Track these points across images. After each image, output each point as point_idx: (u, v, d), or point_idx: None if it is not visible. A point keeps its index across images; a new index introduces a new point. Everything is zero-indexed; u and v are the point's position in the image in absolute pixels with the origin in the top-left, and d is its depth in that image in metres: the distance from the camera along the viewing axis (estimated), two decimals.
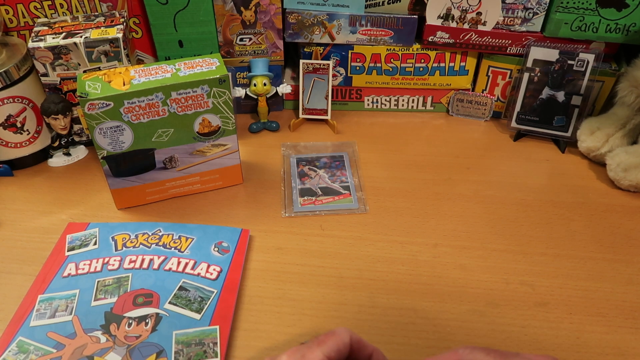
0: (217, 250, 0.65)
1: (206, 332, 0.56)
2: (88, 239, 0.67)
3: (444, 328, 0.58)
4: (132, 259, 0.64)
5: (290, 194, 0.76)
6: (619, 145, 0.78)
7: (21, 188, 0.78)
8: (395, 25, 0.84)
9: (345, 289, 0.62)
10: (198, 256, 0.64)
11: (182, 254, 0.65)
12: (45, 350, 0.55)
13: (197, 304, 0.59)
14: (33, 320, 0.58)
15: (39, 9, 0.80)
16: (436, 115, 0.94)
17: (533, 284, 0.63)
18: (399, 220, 0.72)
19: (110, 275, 0.62)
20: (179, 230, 0.68)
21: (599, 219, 0.72)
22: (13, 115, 0.76)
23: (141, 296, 0.60)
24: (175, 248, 0.65)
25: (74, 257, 0.65)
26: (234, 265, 0.64)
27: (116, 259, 0.64)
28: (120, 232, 0.68)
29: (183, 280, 0.61)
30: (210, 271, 0.62)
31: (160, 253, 0.65)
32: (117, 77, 0.65)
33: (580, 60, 0.80)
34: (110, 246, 0.66)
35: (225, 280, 0.61)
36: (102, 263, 0.64)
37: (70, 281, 0.62)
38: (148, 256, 0.64)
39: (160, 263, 0.64)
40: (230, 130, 0.71)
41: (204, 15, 0.82)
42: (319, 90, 0.88)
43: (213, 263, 0.64)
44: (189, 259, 0.64)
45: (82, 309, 0.59)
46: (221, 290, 0.60)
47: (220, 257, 0.64)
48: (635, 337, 0.57)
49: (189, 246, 0.66)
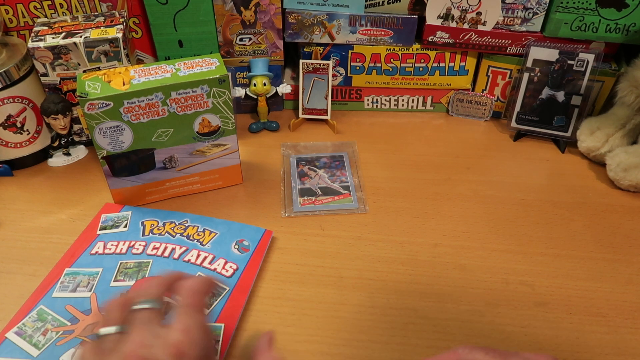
0: (237, 247, 0.65)
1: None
2: (120, 220, 0.69)
3: (444, 328, 0.58)
4: (156, 245, 0.66)
5: (290, 194, 0.76)
6: (619, 145, 0.78)
7: (21, 188, 0.78)
8: (395, 25, 0.84)
9: (345, 289, 0.62)
10: (218, 251, 0.65)
11: (203, 247, 0.65)
12: (61, 322, 0.57)
13: (207, 299, 0.58)
14: (56, 291, 0.60)
15: (38, 8, 0.81)
16: (436, 115, 0.94)
17: (533, 284, 0.63)
18: (398, 220, 0.72)
19: (133, 258, 0.64)
20: (204, 224, 0.69)
21: (599, 219, 0.72)
22: (13, 115, 0.76)
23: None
24: (198, 240, 0.66)
25: (104, 237, 0.67)
26: (250, 265, 0.63)
27: (141, 243, 0.66)
28: (150, 218, 0.70)
29: (198, 274, 0.62)
30: (227, 268, 0.63)
31: (183, 243, 0.66)
32: (116, 77, 0.65)
33: (580, 60, 0.80)
34: (138, 230, 0.68)
35: (239, 280, 0.62)
36: (128, 246, 0.66)
37: (96, 259, 0.64)
38: (171, 245, 0.66)
39: (180, 253, 0.64)
40: (230, 130, 0.71)
41: (204, 15, 0.82)
42: (319, 90, 0.88)
43: (231, 260, 0.64)
44: (209, 253, 0.65)
45: (101, 287, 0.61)
46: (233, 289, 0.60)
47: (239, 255, 0.64)
48: (635, 337, 0.57)
49: (211, 240, 0.66)
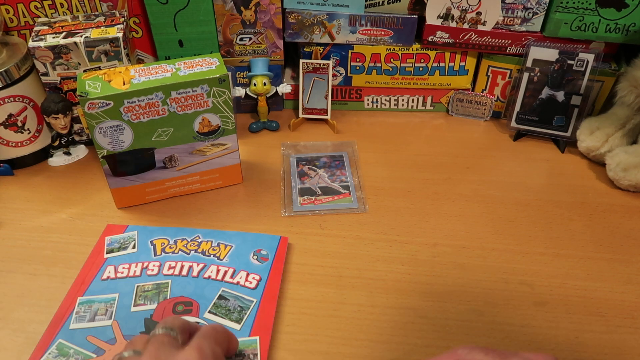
0: (256, 258, 0.64)
1: (247, 342, 0.55)
2: (127, 241, 0.67)
3: (443, 327, 0.58)
4: (172, 265, 0.63)
5: (290, 193, 0.76)
6: (619, 145, 0.78)
7: (21, 187, 0.78)
8: (395, 25, 0.84)
9: (345, 289, 0.62)
10: (237, 264, 0.63)
11: (221, 261, 0.63)
12: (86, 355, 0.54)
13: (236, 313, 0.58)
14: (73, 322, 0.57)
15: (39, 8, 0.81)
16: (436, 115, 0.94)
17: (532, 284, 0.63)
18: (398, 219, 0.72)
19: (149, 280, 0.61)
20: (217, 237, 0.67)
21: (599, 218, 0.72)
22: (14, 114, 0.76)
23: (181, 304, 0.59)
24: (214, 255, 0.64)
25: (113, 260, 0.64)
26: (273, 273, 0.62)
27: (155, 264, 0.63)
28: (159, 236, 0.67)
29: (222, 289, 0.60)
30: (250, 280, 0.61)
31: (200, 260, 0.64)
32: (117, 77, 0.66)
33: (580, 60, 0.80)
34: (149, 250, 0.65)
35: (265, 290, 0.60)
36: (142, 267, 0.63)
37: (109, 284, 0.61)
38: (187, 263, 0.63)
39: (199, 270, 0.62)
40: (230, 129, 0.71)
41: (204, 14, 0.82)
42: (319, 90, 0.88)
43: (252, 271, 0.62)
44: (228, 267, 0.63)
45: (121, 313, 0.58)
46: (261, 300, 0.59)
47: (259, 266, 0.63)
48: (634, 336, 0.57)
49: (228, 254, 0.65)
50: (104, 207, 0.74)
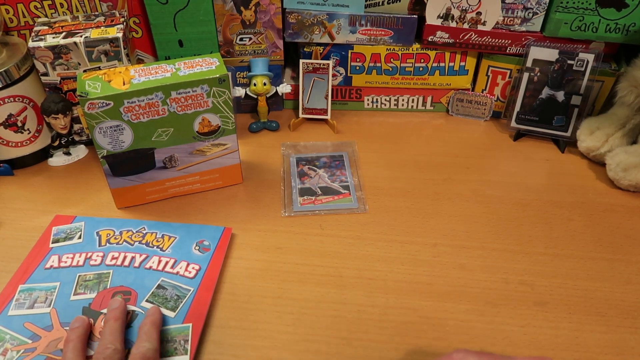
0: (197, 248, 0.65)
1: (179, 329, 0.56)
2: (73, 232, 0.68)
3: (443, 327, 0.58)
4: (115, 255, 0.65)
5: (290, 193, 0.76)
6: (619, 145, 0.78)
7: (21, 187, 0.78)
8: (395, 25, 0.84)
9: (345, 289, 0.62)
10: (179, 255, 0.65)
11: (163, 252, 0.65)
12: (21, 340, 0.55)
13: (172, 302, 0.59)
14: (12, 309, 0.58)
15: (39, 8, 0.81)
16: (436, 115, 0.94)
17: (532, 284, 0.63)
18: (398, 219, 0.72)
19: (91, 270, 0.63)
20: (162, 229, 0.68)
21: (599, 218, 0.72)
22: (14, 114, 0.76)
23: (119, 293, 0.60)
24: (158, 247, 0.66)
25: (58, 250, 0.66)
26: (213, 263, 0.64)
27: (99, 254, 0.65)
28: (106, 227, 0.69)
29: (162, 279, 0.62)
30: (189, 269, 0.63)
31: (143, 251, 0.65)
32: (117, 77, 0.66)
33: (580, 60, 0.80)
34: (94, 241, 0.67)
35: (202, 279, 0.62)
36: (85, 257, 0.64)
37: (52, 273, 0.63)
38: (130, 254, 0.65)
39: (141, 261, 0.64)
40: (230, 129, 0.71)
41: (204, 14, 0.82)
42: (319, 90, 0.88)
43: (193, 261, 0.64)
44: (170, 257, 0.64)
45: (61, 302, 0.59)
46: (198, 289, 0.61)
47: (200, 256, 0.65)
48: (634, 336, 0.57)
49: (171, 245, 0.66)
50: (104, 207, 0.74)
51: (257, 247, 0.68)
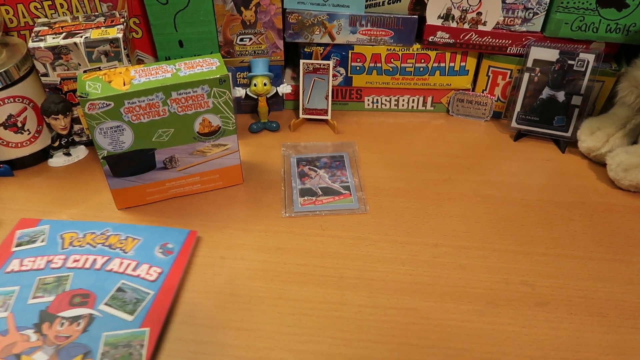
0: (161, 251, 0.65)
1: (135, 334, 0.56)
2: (37, 235, 0.67)
3: (444, 328, 0.58)
4: (77, 258, 0.64)
5: (291, 194, 0.76)
6: (619, 145, 0.78)
7: (21, 188, 0.78)
8: (395, 25, 0.84)
9: (346, 289, 0.62)
10: (141, 257, 0.64)
11: (126, 254, 0.65)
12: None
13: (131, 305, 0.59)
14: None
15: (39, 9, 0.81)
16: (436, 115, 0.94)
17: (533, 284, 0.63)
18: (399, 220, 0.72)
19: (52, 273, 0.62)
20: (127, 231, 0.68)
21: (599, 218, 0.72)
22: (14, 115, 0.76)
23: (78, 296, 0.60)
24: (120, 249, 0.65)
25: (20, 254, 0.65)
26: (175, 266, 0.63)
27: (60, 257, 0.64)
28: (70, 230, 0.68)
29: (122, 282, 0.61)
30: (151, 272, 0.62)
31: (105, 253, 0.65)
32: (117, 77, 0.65)
33: (581, 60, 0.80)
34: (57, 244, 0.66)
35: (163, 282, 0.61)
36: (46, 261, 0.64)
37: (12, 277, 0.62)
38: (92, 256, 0.64)
39: (102, 263, 0.63)
40: (230, 130, 0.71)
41: (204, 15, 0.82)
42: (319, 90, 0.88)
43: (155, 264, 0.63)
44: (132, 260, 0.64)
45: (18, 306, 0.59)
46: (158, 292, 0.60)
47: (163, 259, 0.64)
48: (635, 337, 0.57)
49: (134, 247, 0.66)
50: (104, 208, 0.73)
51: (257, 247, 0.68)
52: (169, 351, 0.56)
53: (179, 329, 0.58)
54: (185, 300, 0.61)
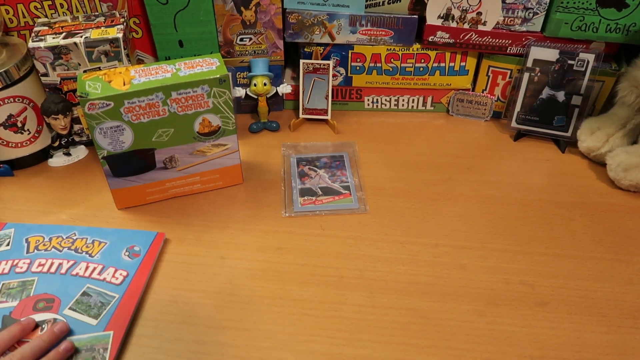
0: (127, 254, 0.64)
1: (99, 337, 0.56)
2: (2, 239, 0.67)
3: (444, 328, 0.58)
4: (42, 262, 0.63)
5: (291, 193, 0.76)
6: (619, 145, 0.78)
7: (21, 188, 0.78)
8: (395, 25, 0.84)
9: (346, 289, 0.62)
10: (107, 260, 0.64)
11: (92, 258, 0.64)
12: None
13: (96, 309, 0.58)
14: None
15: (39, 9, 0.81)
16: (436, 115, 0.94)
17: (533, 284, 0.63)
18: (399, 220, 0.72)
19: (16, 278, 0.62)
20: (93, 235, 0.67)
21: (599, 218, 0.72)
22: (14, 115, 0.76)
23: (42, 301, 0.59)
24: (87, 252, 0.65)
25: None
26: (141, 270, 0.63)
27: (25, 261, 0.64)
28: (35, 234, 0.67)
29: (87, 286, 0.61)
30: (116, 276, 0.62)
31: (71, 257, 0.64)
32: (117, 77, 0.65)
33: (581, 60, 0.80)
34: (22, 248, 0.65)
35: (129, 286, 0.61)
36: (11, 265, 0.63)
37: None
38: (57, 260, 0.64)
39: (68, 267, 0.63)
40: (230, 130, 0.71)
41: (204, 15, 0.82)
42: (319, 90, 0.88)
43: (121, 267, 0.63)
44: (98, 263, 0.63)
45: None
46: (123, 296, 0.60)
47: (129, 262, 0.64)
48: (635, 337, 0.57)
49: (101, 250, 0.65)
50: (104, 208, 0.73)
51: (257, 247, 0.68)
52: (169, 351, 0.56)
53: (179, 329, 0.58)
54: (185, 300, 0.61)
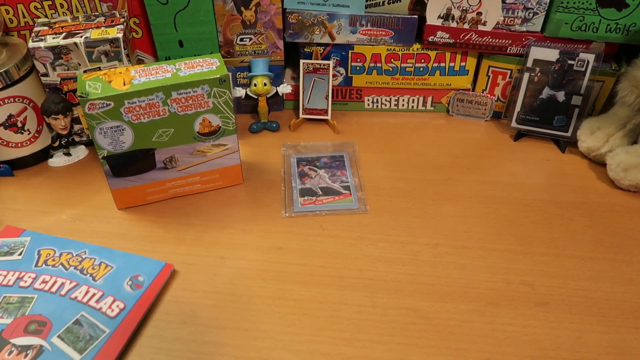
0: (130, 284, 0.62)
1: None
2: (16, 247, 0.66)
3: (444, 328, 0.58)
4: (46, 279, 0.62)
5: (291, 194, 0.76)
6: (619, 145, 0.78)
7: (21, 188, 0.78)
8: (395, 25, 0.84)
9: (346, 289, 0.62)
10: (108, 288, 0.61)
11: (94, 282, 0.62)
12: None
13: (83, 342, 0.56)
14: None
15: (39, 9, 0.81)
16: (436, 115, 0.94)
17: (533, 284, 0.63)
18: (399, 220, 0.72)
19: (18, 292, 0.60)
20: (103, 255, 0.65)
21: (599, 218, 0.72)
22: (14, 115, 0.76)
23: (34, 323, 0.57)
24: (91, 275, 0.63)
25: None
26: (139, 304, 0.60)
27: (31, 275, 0.62)
28: (48, 246, 0.66)
29: (82, 313, 0.58)
30: (113, 307, 0.59)
31: (74, 278, 0.62)
32: (117, 77, 0.65)
33: (581, 60, 0.80)
34: (32, 260, 0.64)
35: (123, 320, 0.58)
36: (17, 277, 0.62)
37: None
38: (61, 279, 0.62)
39: (69, 289, 0.61)
40: (230, 130, 0.71)
41: (204, 15, 0.82)
42: (319, 90, 0.88)
43: (120, 298, 0.60)
44: (98, 289, 0.61)
45: None
46: (113, 332, 0.57)
47: (129, 293, 0.61)
48: (635, 337, 0.57)
49: (105, 275, 0.63)
50: (105, 208, 0.73)
51: (257, 247, 0.68)
52: (169, 351, 0.56)
53: (179, 329, 0.58)
54: (185, 300, 0.61)
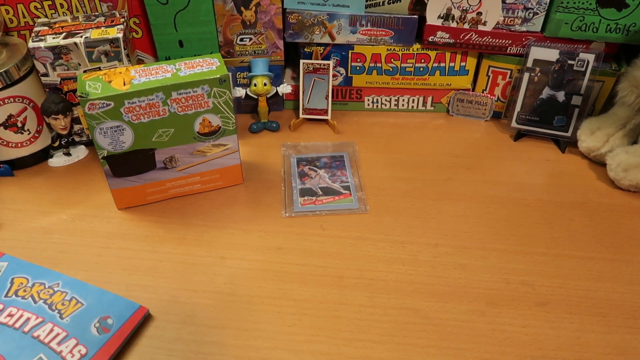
0: (97, 326, 0.57)
1: None
2: None
3: (444, 328, 0.58)
4: (12, 312, 0.58)
5: (291, 194, 0.76)
6: (619, 145, 0.78)
7: (21, 188, 0.78)
8: (395, 25, 0.84)
9: (346, 289, 0.62)
10: (73, 329, 0.57)
11: (61, 321, 0.58)
12: None
13: None
14: None
15: (39, 9, 0.81)
16: (436, 115, 0.94)
17: (533, 284, 0.63)
18: (399, 220, 0.72)
19: None
20: (75, 290, 0.61)
21: (599, 218, 0.72)
22: (14, 115, 0.76)
23: None
24: (59, 312, 0.59)
25: None
26: (104, 350, 0.55)
27: None
28: (23, 274, 0.62)
29: (39, 356, 0.54)
30: (74, 352, 0.55)
31: (41, 313, 0.58)
32: (117, 77, 0.65)
33: (581, 60, 0.80)
34: (4, 288, 0.61)
35: None
36: None
37: None
38: (28, 313, 0.58)
39: (33, 326, 0.57)
40: (230, 130, 0.71)
41: (204, 15, 0.82)
42: (319, 90, 0.88)
43: (82, 342, 0.56)
44: (63, 329, 0.57)
45: None
46: None
47: (94, 337, 0.56)
48: (635, 337, 0.57)
49: (73, 313, 0.58)
50: (105, 208, 0.73)
51: (257, 247, 0.68)
52: (169, 351, 0.56)
53: (179, 329, 0.58)
54: (185, 300, 0.61)
